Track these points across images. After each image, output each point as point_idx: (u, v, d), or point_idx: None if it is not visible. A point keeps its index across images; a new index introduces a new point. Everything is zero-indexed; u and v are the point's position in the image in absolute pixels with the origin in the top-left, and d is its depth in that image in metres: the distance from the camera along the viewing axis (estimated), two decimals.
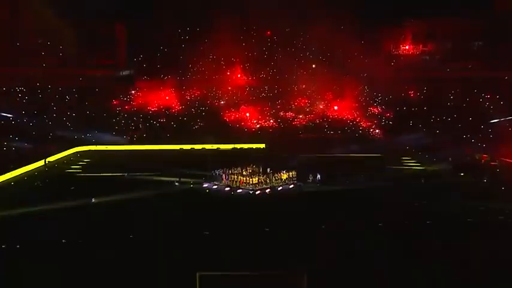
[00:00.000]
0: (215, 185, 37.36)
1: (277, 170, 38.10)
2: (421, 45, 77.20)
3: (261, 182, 36.23)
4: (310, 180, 38.76)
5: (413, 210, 29.80)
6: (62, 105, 67.30)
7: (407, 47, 78.11)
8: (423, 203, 31.15)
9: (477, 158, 48.66)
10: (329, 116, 69.98)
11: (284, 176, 37.75)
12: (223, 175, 37.82)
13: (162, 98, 74.06)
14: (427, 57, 76.64)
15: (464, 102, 65.42)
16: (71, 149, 56.79)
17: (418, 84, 71.38)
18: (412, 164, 44.84)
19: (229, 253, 21.96)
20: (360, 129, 66.54)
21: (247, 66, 78.88)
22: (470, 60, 72.07)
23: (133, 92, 75.80)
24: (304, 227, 26.31)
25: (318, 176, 38.58)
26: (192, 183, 37.76)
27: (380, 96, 72.10)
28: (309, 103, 72.69)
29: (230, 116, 70.15)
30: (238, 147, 60.64)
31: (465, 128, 59.00)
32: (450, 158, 47.57)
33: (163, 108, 72.30)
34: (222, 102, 73.12)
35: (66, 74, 71.27)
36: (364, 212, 29.45)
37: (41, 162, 48.51)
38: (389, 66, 73.02)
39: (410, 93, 72.31)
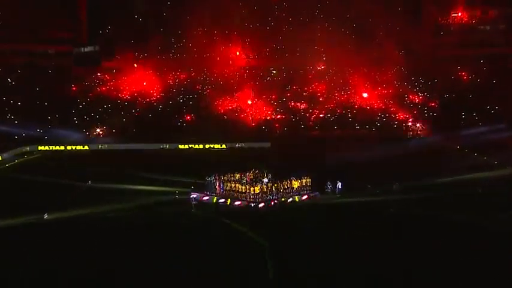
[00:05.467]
0: (206, 195, 37.39)
1: (285, 176, 38.19)
2: (478, 11, 76.78)
3: (265, 192, 36.17)
4: (328, 189, 38.77)
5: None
6: (4, 91, 67.04)
7: (459, 14, 77.88)
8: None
9: None
10: (354, 106, 69.69)
11: (295, 183, 37.67)
12: (217, 183, 37.83)
13: (138, 82, 74.07)
14: (487, 27, 76.08)
15: None
16: (16, 149, 56.48)
17: (474, 63, 70.98)
18: None
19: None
20: (395, 124, 66.49)
21: (248, 41, 78.84)
22: None
23: (98, 74, 76.20)
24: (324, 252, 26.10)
25: (339, 183, 38.72)
26: (176, 194, 37.79)
27: (422, 79, 71.78)
28: (327, 90, 72.62)
29: (225, 106, 70.01)
30: (237, 147, 60.72)
31: None
32: None
33: (138, 96, 72.47)
34: (216, 88, 73.12)
35: (11, 49, 71.35)
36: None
37: None
38: (434, 40, 72.66)
39: (463, 75, 72.04)
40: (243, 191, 36.25)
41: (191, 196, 36.98)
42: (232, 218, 32.32)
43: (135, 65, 74.84)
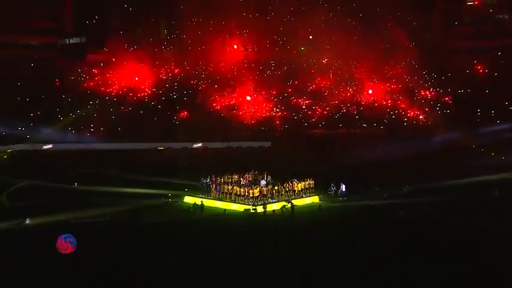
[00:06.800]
0: (201, 198, 37.43)
1: (287, 177, 38.41)
2: None
3: (265, 195, 36.26)
4: (331, 192, 38.90)
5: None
6: None
7: (476, 2, 77.38)
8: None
9: None
10: (361, 102, 69.62)
11: (298, 186, 37.76)
12: (213, 185, 37.97)
13: (127, 77, 73.79)
14: (506, 16, 75.84)
15: None
16: None
17: (491, 55, 70.73)
18: None
19: None
20: (405, 121, 66.35)
21: (246, 32, 78.75)
22: None
23: (85, 68, 75.72)
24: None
25: (343, 186, 38.80)
26: (169, 198, 37.81)
27: (434, 73, 71.56)
28: (332, 85, 72.36)
29: (222, 103, 70.02)
30: (234, 147, 60.62)
31: None
32: None
33: (128, 91, 72.23)
34: (212, 83, 73.01)
35: None
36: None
37: None
38: (448, 30, 72.53)
39: (479, 69, 71.80)
40: (242, 193, 36.32)
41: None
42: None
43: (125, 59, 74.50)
